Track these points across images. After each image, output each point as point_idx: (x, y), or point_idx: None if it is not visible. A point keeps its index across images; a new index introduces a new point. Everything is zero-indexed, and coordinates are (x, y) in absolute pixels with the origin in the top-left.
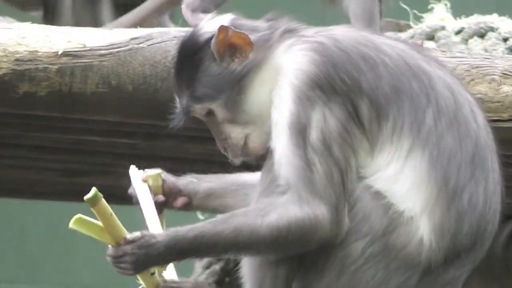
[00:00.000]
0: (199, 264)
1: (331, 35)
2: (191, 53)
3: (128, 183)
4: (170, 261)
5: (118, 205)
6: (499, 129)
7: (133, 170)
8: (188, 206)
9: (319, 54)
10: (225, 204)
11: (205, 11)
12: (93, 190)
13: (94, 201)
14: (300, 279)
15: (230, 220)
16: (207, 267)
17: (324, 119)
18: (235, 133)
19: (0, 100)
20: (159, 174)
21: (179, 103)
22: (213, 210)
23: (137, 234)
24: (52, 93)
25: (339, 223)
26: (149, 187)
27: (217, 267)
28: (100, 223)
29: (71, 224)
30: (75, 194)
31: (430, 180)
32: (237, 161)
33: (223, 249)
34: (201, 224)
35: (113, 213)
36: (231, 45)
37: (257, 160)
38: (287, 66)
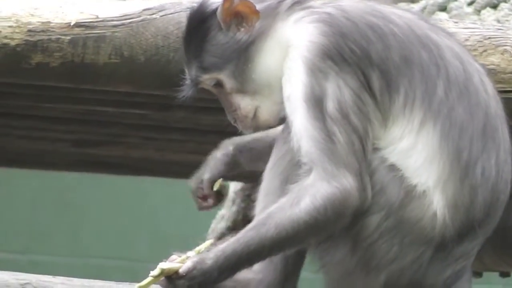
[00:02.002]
0: (211, 236)
1: (339, 6)
2: (199, 23)
3: None
4: (222, 281)
5: (129, 176)
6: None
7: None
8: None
9: (328, 25)
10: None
11: None
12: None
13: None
14: (313, 253)
15: (269, 221)
16: (220, 238)
17: (339, 89)
18: (244, 104)
19: (12, 71)
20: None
21: (188, 74)
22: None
23: (188, 265)
24: (65, 64)
25: (365, 189)
26: None
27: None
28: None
29: None
30: (86, 165)
31: (443, 155)
32: (248, 132)
33: (270, 250)
34: (243, 234)
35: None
36: (237, 14)
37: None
38: (297, 39)
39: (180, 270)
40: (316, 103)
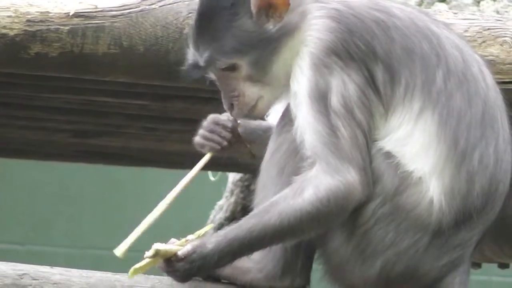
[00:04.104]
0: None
1: (344, 1)
2: (226, 6)
3: None
4: (221, 266)
5: (128, 166)
6: (510, 91)
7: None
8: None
9: (335, 21)
10: None
11: None
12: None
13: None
14: (309, 241)
15: (272, 209)
16: (218, 228)
17: (343, 84)
18: (251, 92)
19: (11, 61)
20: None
21: (198, 54)
22: None
23: (188, 248)
24: (64, 54)
25: (368, 183)
26: None
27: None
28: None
29: (130, 275)
30: (86, 155)
31: (440, 141)
32: (240, 119)
33: (271, 238)
34: (245, 221)
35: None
36: (269, 4)
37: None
38: (307, 35)
39: (179, 253)
40: (321, 97)
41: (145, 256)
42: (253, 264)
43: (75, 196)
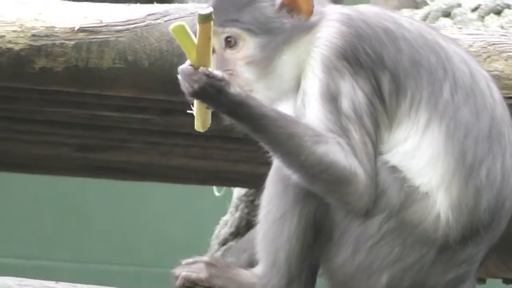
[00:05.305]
0: (215, 241)
1: (356, 8)
2: None
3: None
4: (226, 114)
5: (133, 181)
6: None
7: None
8: None
9: (346, 25)
10: None
11: None
12: (210, 9)
13: (206, 20)
14: (315, 255)
15: (290, 125)
16: (223, 243)
17: (353, 90)
18: (246, 76)
19: (16, 75)
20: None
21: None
22: None
23: (218, 73)
24: (69, 68)
25: (370, 194)
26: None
27: (233, 243)
28: (195, 40)
29: (171, 28)
30: (90, 170)
31: (447, 155)
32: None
33: (270, 139)
34: (269, 108)
35: (211, 38)
36: (296, 3)
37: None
38: (319, 37)
39: (210, 71)
40: (332, 98)
41: (200, 12)
42: (257, 279)
43: (80, 210)
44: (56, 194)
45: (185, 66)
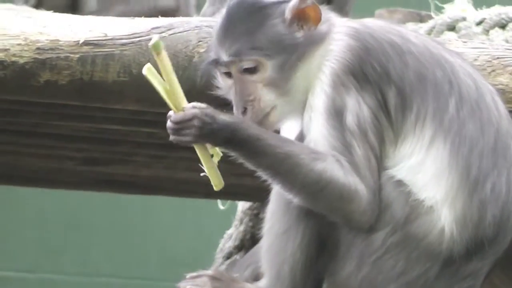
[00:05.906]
0: (219, 255)
1: (362, 22)
2: (260, 6)
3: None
4: (225, 145)
5: (138, 195)
6: None
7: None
8: None
9: (354, 39)
10: None
11: None
12: (156, 37)
13: (158, 49)
14: (319, 269)
15: (286, 145)
16: (228, 257)
17: (358, 105)
18: (267, 98)
19: (21, 89)
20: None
21: (224, 49)
22: None
23: (200, 104)
24: (73, 81)
25: (373, 209)
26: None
27: (237, 257)
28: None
29: (145, 70)
30: (95, 183)
31: (452, 170)
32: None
33: (268, 162)
34: (263, 131)
35: (172, 70)
36: (303, 14)
37: None
38: (329, 49)
39: (193, 103)
40: (336, 113)
41: (149, 45)
42: None
43: (85, 224)
44: (61, 207)
45: (172, 117)
